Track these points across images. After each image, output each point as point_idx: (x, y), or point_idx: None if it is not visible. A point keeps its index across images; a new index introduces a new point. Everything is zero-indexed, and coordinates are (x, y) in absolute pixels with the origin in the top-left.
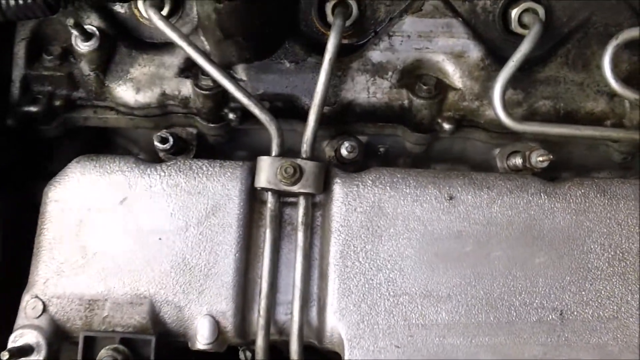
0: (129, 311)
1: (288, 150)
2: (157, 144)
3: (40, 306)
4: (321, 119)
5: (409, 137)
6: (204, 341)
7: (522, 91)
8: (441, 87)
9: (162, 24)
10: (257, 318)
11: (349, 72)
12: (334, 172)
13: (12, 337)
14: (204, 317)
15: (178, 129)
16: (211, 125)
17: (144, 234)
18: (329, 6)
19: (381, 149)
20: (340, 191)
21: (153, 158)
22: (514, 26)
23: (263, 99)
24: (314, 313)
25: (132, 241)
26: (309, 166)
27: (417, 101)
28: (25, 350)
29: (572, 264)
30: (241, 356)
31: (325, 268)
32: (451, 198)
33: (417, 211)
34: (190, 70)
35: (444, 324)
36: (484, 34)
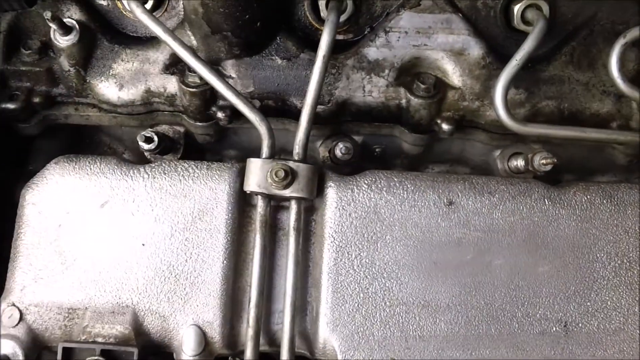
0: (110, 321)
1: (280, 150)
2: (141, 143)
3: (17, 315)
4: (314, 119)
5: (407, 138)
6: (190, 352)
7: (525, 91)
8: (440, 86)
9: (145, 18)
10: (246, 328)
11: (344, 69)
12: (328, 175)
13: None
14: (189, 327)
15: (164, 127)
16: (199, 124)
17: (126, 240)
18: (322, 0)
19: (377, 150)
20: (335, 195)
21: (139, 157)
22: (516, 22)
23: (253, 97)
24: (306, 323)
25: (114, 247)
26: (301, 169)
27: (415, 100)
28: None
29: (577, 273)
30: None
31: (318, 276)
32: (451, 203)
33: (415, 217)
34: (176, 66)
35: (443, 335)
36: (485, 30)
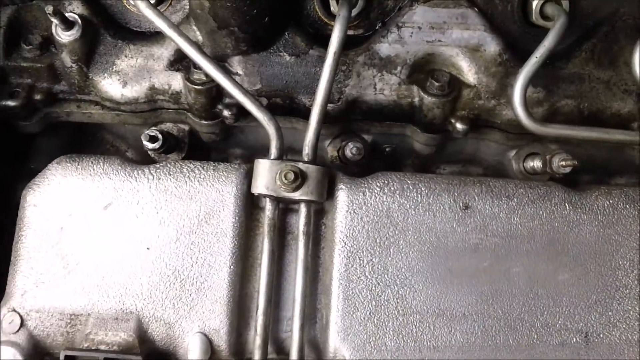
0: (114, 327)
1: (288, 149)
2: (145, 143)
3: (18, 320)
4: (324, 118)
5: (419, 138)
6: None
7: (543, 89)
8: (455, 84)
9: (149, 12)
10: (253, 336)
11: (355, 66)
12: (339, 177)
13: None
14: (195, 334)
15: (169, 125)
16: (204, 122)
17: (130, 243)
18: None
19: (387, 149)
20: (346, 198)
21: (142, 155)
22: (535, 18)
23: (260, 95)
24: (315, 331)
25: (117, 251)
26: (311, 171)
27: (428, 99)
28: None
29: (599, 282)
30: None
31: (328, 282)
32: (467, 207)
33: (429, 221)
34: (181, 63)
35: (458, 346)
36: (502, 26)
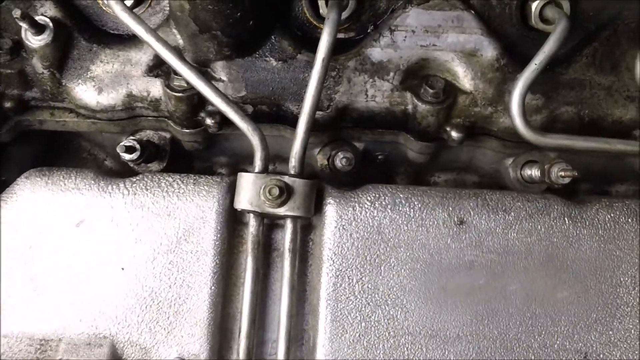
0: (86, 353)
1: (275, 157)
2: (122, 154)
3: None
4: (312, 127)
5: (412, 146)
6: None
7: (542, 96)
8: (450, 91)
9: (125, 16)
10: None
11: (345, 72)
12: (327, 190)
13: None
14: None
15: (149, 133)
16: (186, 130)
17: (104, 263)
18: None
19: (380, 157)
20: (334, 214)
21: (122, 164)
22: (534, 21)
23: (245, 102)
24: (302, 353)
25: (90, 271)
26: (297, 185)
27: (422, 106)
28: None
29: (599, 300)
30: None
31: (316, 302)
32: (461, 222)
33: (423, 237)
34: (160, 68)
35: None
36: (500, 29)
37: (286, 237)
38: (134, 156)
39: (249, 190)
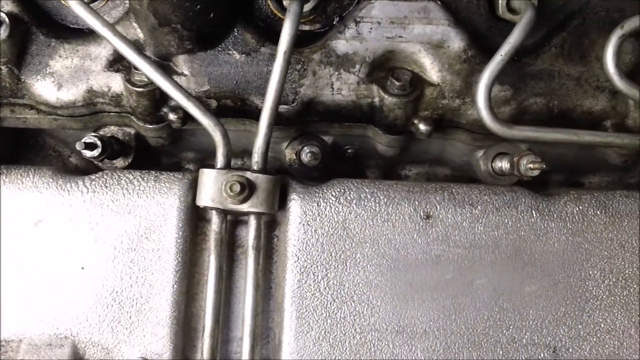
0: (47, 354)
1: (243, 152)
2: (83, 151)
3: None
4: (277, 120)
5: (381, 139)
6: None
7: (511, 87)
8: (417, 83)
9: (80, 10)
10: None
11: (310, 65)
12: (291, 186)
13: None
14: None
15: (113, 129)
16: (149, 126)
17: (63, 263)
18: None
19: (349, 151)
20: (298, 209)
21: (87, 161)
22: (501, 11)
23: (209, 97)
24: (268, 351)
25: (49, 271)
26: (260, 181)
27: (389, 99)
28: None
29: (568, 293)
30: None
31: (281, 299)
32: (428, 217)
33: (388, 233)
34: (121, 63)
35: None
36: (467, 20)
37: (250, 234)
38: (95, 153)
39: (211, 186)
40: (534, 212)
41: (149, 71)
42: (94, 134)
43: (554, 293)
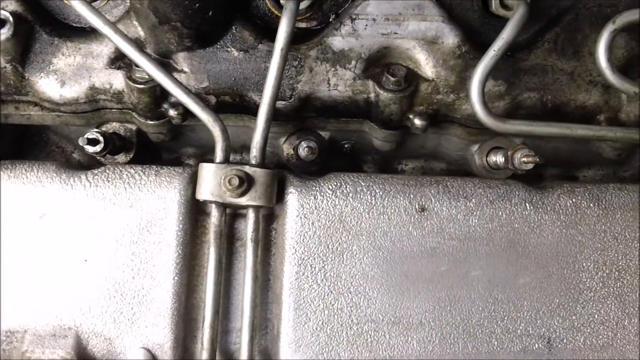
0: (51, 345)
1: (242, 147)
2: (85, 147)
3: None
4: (275, 116)
5: (377, 134)
6: None
7: (505, 82)
8: (412, 79)
9: (82, 8)
10: (200, 350)
11: (307, 61)
12: (289, 179)
13: None
14: (138, 350)
15: (115, 125)
16: (150, 122)
17: (67, 255)
18: None
19: (346, 146)
20: (296, 203)
21: (89, 157)
22: (494, 7)
23: (208, 93)
24: (267, 342)
25: (53, 263)
26: (258, 175)
27: (384, 95)
28: None
29: (561, 285)
30: None
31: (279, 291)
32: (423, 210)
33: (384, 225)
34: (122, 60)
35: (415, 355)
36: (461, 16)
37: (248, 227)
38: (98, 148)
39: (210, 180)
40: (527, 204)
41: (149, 68)
42: (96, 130)
43: (548, 284)
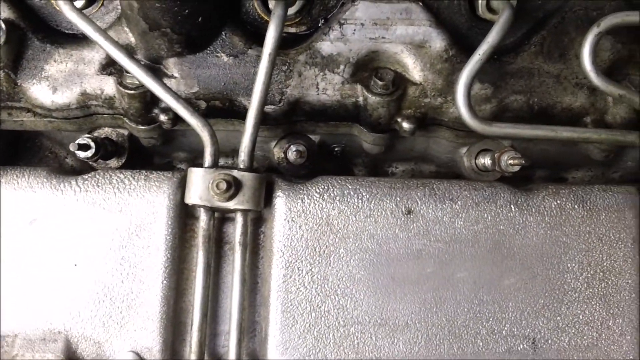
0: (41, 349)
1: (232, 152)
2: (77, 152)
3: None
4: (265, 120)
5: (366, 137)
6: None
7: (491, 85)
8: (399, 82)
9: (73, 16)
10: (189, 353)
11: (296, 66)
12: (277, 183)
13: None
14: (127, 353)
15: (107, 130)
16: (141, 127)
17: (57, 260)
18: None
19: (337, 149)
20: (283, 206)
21: (82, 162)
22: (481, 11)
23: (198, 98)
24: (255, 344)
25: (44, 267)
26: (246, 179)
27: (373, 98)
28: None
29: (546, 286)
30: None
31: (267, 294)
32: (409, 212)
33: (371, 228)
34: (113, 67)
35: (402, 356)
36: (448, 20)
37: (236, 230)
38: (89, 154)
39: (199, 184)
40: (512, 206)
41: (138, 74)
42: (87, 135)
43: (533, 286)
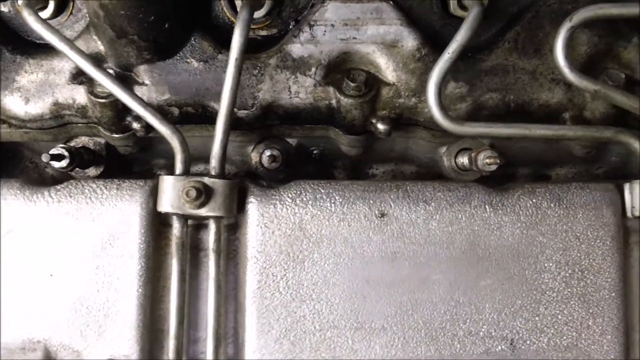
0: (21, 358)
1: (208, 158)
2: (51, 163)
3: None
4: (237, 126)
5: (342, 140)
6: None
7: (466, 83)
8: (372, 83)
9: (38, 26)
10: None
11: (267, 69)
12: (250, 189)
13: None
14: None
15: (84, 139)
16: (115, 135)
17: (33, 270)
18: None
19: (315, 152)
20: (256, 212)
21: (62, 173)
22: (453, 8)
23: (170, 105)
24: (231, 351)
25: (20, 279)
26: (217, 186)
27: (346, 100)
28: None
29: (523, 286)
30: None
31: (242, 300)
32: (383, 215)
33: (344, 232)
34: (84, 76)
35: (379, 359)
36: (421, 18)
37: (210, 237)
38: (64, 163)
39: (170, 192)
40: (487, 206)
41: (106, 83)
42: (61, 145)
43: (510, 286)
